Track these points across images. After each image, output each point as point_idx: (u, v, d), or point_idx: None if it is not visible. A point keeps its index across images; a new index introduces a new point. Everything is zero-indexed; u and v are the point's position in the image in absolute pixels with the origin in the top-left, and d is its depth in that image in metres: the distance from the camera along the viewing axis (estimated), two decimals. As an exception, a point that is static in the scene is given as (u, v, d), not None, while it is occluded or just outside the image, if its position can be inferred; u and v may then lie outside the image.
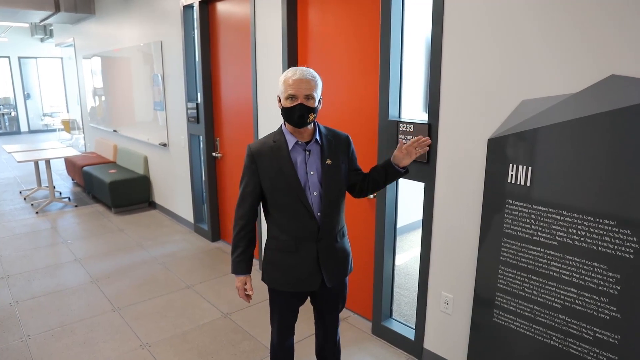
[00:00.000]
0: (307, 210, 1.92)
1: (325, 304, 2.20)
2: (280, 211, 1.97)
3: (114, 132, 6.96)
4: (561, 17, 1.88)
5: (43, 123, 14.03)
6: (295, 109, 1.84)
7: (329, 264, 2.01)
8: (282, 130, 1.96)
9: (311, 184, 1.93)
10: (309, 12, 3.25)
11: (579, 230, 1.95)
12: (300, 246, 1.97)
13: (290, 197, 1.92)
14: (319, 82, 1.90)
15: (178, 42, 4.71)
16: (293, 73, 1.85)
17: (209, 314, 3.37)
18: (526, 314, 2.19)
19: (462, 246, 2.43)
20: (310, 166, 1.94)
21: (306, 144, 1.94)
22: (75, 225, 5.47)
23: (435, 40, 2.33)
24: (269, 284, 2.09)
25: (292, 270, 2.00)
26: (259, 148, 1.95)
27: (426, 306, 2.69)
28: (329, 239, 2.00)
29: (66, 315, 3.35)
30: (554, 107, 1.94)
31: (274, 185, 1.93)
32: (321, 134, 1.98)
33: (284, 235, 1.98)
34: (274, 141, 1.95)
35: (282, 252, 2.00)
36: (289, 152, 1.92)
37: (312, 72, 1.88)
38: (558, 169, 1.97)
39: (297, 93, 1.83)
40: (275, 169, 1.91)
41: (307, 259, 1.98)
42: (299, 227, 1.95)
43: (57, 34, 9.27)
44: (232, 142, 4.39)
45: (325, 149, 1.96)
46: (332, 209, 1.98)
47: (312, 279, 2.01)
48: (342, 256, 2.07)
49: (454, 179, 2.41)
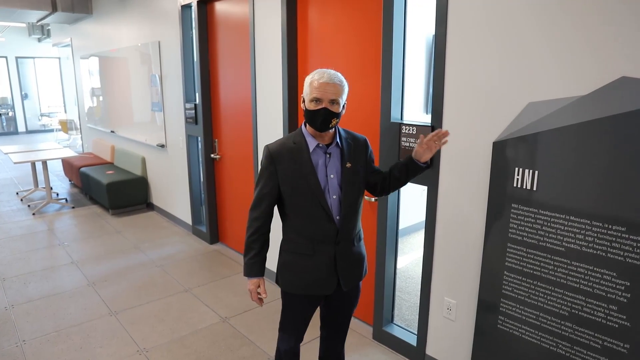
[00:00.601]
0: (326, 214, 1.89)
1: (339, 307, 2.15)
2: (299, 214, 1.93)
3: (112, 132, 6.90)
4: (569, 17, 1.84)
5: (40, 123, 13.95)
6: (319, 113, 1.80)
7: (346, 267, 1.98)
8: (303, 132, 1.92)
9: (331, 188, 1.90)
10: (309, 11, 3.20)
11: (587, 236, 1.90)
12: (318, 249, 1.93)
13: (310, 200, 1.88)
14: (346, 87, 1.86)
15: (176, 42, 4.66)
16: (320, 76, 1.80)
17: (207, 318, 3.32)
18: (532, 321, 2.14)
19: (466, 251, 2.38)
20: (331, 169, 1.91)
21: (327, 146, 1.91)
22: (72, 227, 5.41)
23: (439, 41, 2.28)
24: (283, 287, 2.05)
25: (308, 274, 1.96)
26: (278, 149, 1.91)
27: (429, 312, 2.64)
28: (347, 242, 1.97)
29: (62, 319, 3.29)
30: (562, 110, 1.89)
31: (293, 188, 1.90)
32: (341, 137, 1.95)
33: (301, 238, 1.94)
34: (294, 143, 1.90)
35: (298, 255, 1.96)
36: (310, 154, 1.88)
37: (339, 76, 1.83)
38: (565, 173, 1.92)
39: (322, 97, 1.79)
40: (296, 171, 1.88)
41: (324, 262, 1.94)
42: (317, 230, 1.92)
43: (54, 33, 9.20)
44: (231, 143, 4.34)
45: (345, 153, 1.93)
46: (351, 212, 1.95)
47: (328, 282, 1.97)
48: (358, 260, 2.04)
49: (457, 182, 2.36)
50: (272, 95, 3.54)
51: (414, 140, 2.47)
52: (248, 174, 4.10)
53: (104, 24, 6.52)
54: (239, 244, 4.50)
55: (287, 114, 3.39)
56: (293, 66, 3.34)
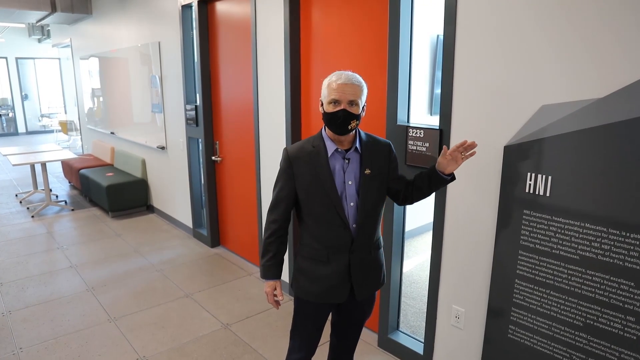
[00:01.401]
0: (342, 221, 1.83)
1: (351, 316, 2.09)
2: (314, 219, 1.88)
3: (112, 134, 6.83)
4: (586, 13, 1.76)
5: (41, 124, 13.89)
6: (337, 115, 1.74)
7: (360, 276, 1.92)
8: (322, 135, 1.87)
9: (348, 194, 1.84)
10: (312, 11, 3.13)
11: (603, 244, 1.82)
12: (332, 257, 1.88)
13: (326, 206, 1.83)
14: (365, 89, 1.79)
15: (176, 43, 4.59)
16: (338, 77, 1.75)
17: (208, 324, 3.25)
18: (544, 331, 2.07)
19: (475, 258, 2.31)
20: (349, 175, 1.84)
21: (346, 151, 1.84)
22: (71, 230, 5.35)
23: (448, 40, 2.20)
24: (297, 292, 2.00)
25: (321, 281, 1.91)
26: (296, 152, 1.86)
27: (436, 319, 2.57)
28: (363, 251, 1.90)
29: (60, 326, 3.22)
30: (578, 113, 1.82)
31: (309, 193, 1.84)
32: (362, 141, 1.88)
33: (316, 244, 1.89)
34: (313, 146, 1.85)
35: (313, 261, 1.91)
36: (328, 159, 1.82)
37: (358, 77, 1.78)
38: (581, 179, 1.85)
39: (341, 98, 1.73)
40: (313, 175, 1.82)
41: (338, 270, 1.88)
42: (332, 237, 1.86)
43: (54, 34, 9.14)
44: (232, 145, 4.27)
45: (364, 158, 1.86)
46: (368, 220, 1.88)
47: (341, 290, 1.91)
48: (374, 268, 1.97)
49: (467, 188, 2.28)
50: (274, 96, 3.47)
51: (421, 144, 2.40)
52: (250, 177, 4.03)
53: (104, 24, 6.45)
54: (240, 248, 4.43)
55: (290, 116, 3.32)
56: (296, 67, 3.27)
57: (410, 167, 2.50)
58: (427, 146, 2.37)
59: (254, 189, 3.97)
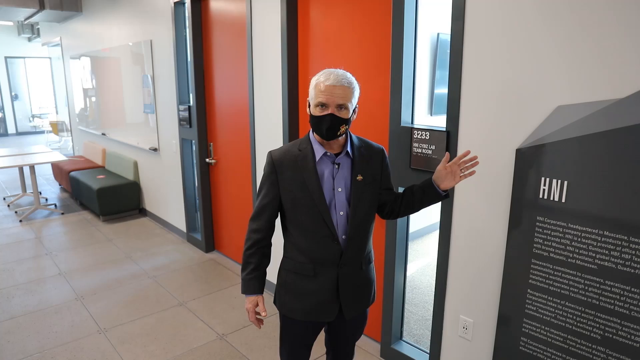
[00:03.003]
0: (330, 232, 1.69)
1: (342, 335, 1.96)
2: (299, 230, 1.73)
3: (103, 135, 6.67)
4: (604, 9, 1.65)
5: (31, 125, 13.65)
6: (324, 120, 1.60)
7: (349, 294, 1.78)
8: (310, 138, 1.72)
9: (338, 203, 1.69)
10: (311, 9, 3.00)
11: (623, 253, 1.72)
12: (319, 271, 1.73)
13: (313, 215, 1.68)
14: (356, 90, 1.65)
15: (169, 41, 4.45)
16: (326, 77, 1.60)
17: (202, 335, 3.12)
18: (558, 344, 1.96)
19: (484, 267, 2.19)
20: (339, 182, 1.70)
21: (336, 155, 1.70)
22: (61, 234, 5.19)
23: (456, 38, 2.08)
24: (281, 309, 1.86)
25: (307, 297, 1.77)
26: (281, 156, 1.71)
27: (442, 330, 2.45)
28: (353, 265, 1.76)
29: (47, 338, 3.07)
30: (596, 114, 1.71)
31: (294, 201, 1.70)
32: (353, 145, 1.74)
33: (302, 257, 1.74)
34: (299, 150, 1.71)
35: (298, 275, 1.77)
36: (315, 164, 1.68)
37: (348, 77, 1.63)
38: (599, 184, 1.74)
39: (328, 101, 1.59)
40: (298, 182, 1.68)
41: (326, 286, 1.74)
42: (319, 249, 1.72)
43: (43, 33, 8.95)
44: (227, 147, 4.14)
45: (357, 163, 1.71)
46: (359, 232, 1.74)
47: (329, 308, 1.78)
48: (365, 285, 1.83)
49: (476, 193, 2.16)
50: (271, 97, 3.34)
51: (427, 147, 2.28)
52: (245, 180, 3.90)
53: (94, 22, 6.28)
54: (236, 253, 4.29)
55: (287, 117, 3.19)
56: (293, 66, 3.14)
57: (414, 171, 2.38)
58: (433, 149, 2.25)
59: (249, 192, 3.84)
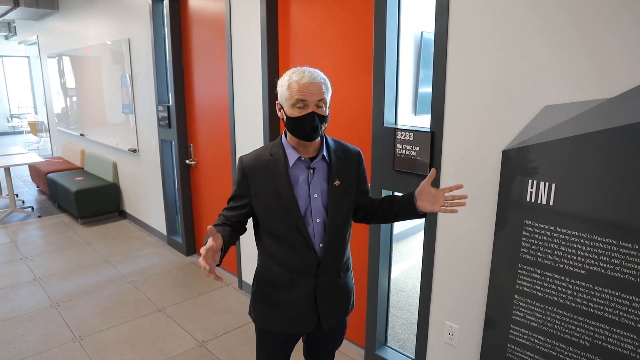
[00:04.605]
0: (305, 241, 1.60)
1: (320, 345, 1.89)
2: (274, 239, 1.64)
3: (81, 136, 6.50)
4: (593, 6, 1.59)
5: (10, 125, 13.34)
6: (306, 119, 1.50)
7: (328, 304, 1.70)
8: (282, 142, 1.63)
9: (314, 210, 1.61)
10: (291, 6, 2.91)
11: (613, 258, 1.66)
12: (296, 281, 1.65)
13: (286, 224, 1.59)
14: (330, 86, 1.57)
15: (147, 40, 4.32)
16: (300, 76, 1.50)
17: (182, 342, 3.01)
18: (546, 351, 1.90)
19: (470, 272, 2.13)
20: (314, 188, 1.61)
21: (311, 160, 1.61)
22: (37, 238, 5.02)
23: (439, 35, 2.01)
24: (256, 321, 1.78)
25: (284, 308, 1.68)
26: (252, 162, 1.63)
27: (427, 336, 2.39)
28: (331, 274, 1.68)
29: (18, 348, 2.94)
30: (584, 115, 1.65)
31: (267, 209, 1.61)
32: (329, 148, 1.65)
33: (277, 267, 1.66)
34: (271, 155, 1.62)
35: (274, 286, 1.68)
36: (288, 169, 1.59)
37: (321, 73, 1.55)
38: (587, 187, 1.68)
39: (308, 98, 1.49)
40: (270, 189, 1.59)
41: (303, 296, 1.66)
42: (294, 259, 1.63)
43: (20, 31, 8.72)
44: (208, 148, 4.03)
45: (333, 167, 1.63)
46: (337, 239, 1.66)
47: (307, 319, 1.70)
48: (344, 295, 1.76)
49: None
50: (251, 97, 3.24)
51: (411, 148, 2.21)
52: (226, 181, 3.80)
53: (71, 20, 6.11)
54: (217, 256, 4.18)
55: (268, 117, 3.10)
56: (274, 66, 3.04)
57: (398, 173, 2.31)
58: (417, 150, 2.18)
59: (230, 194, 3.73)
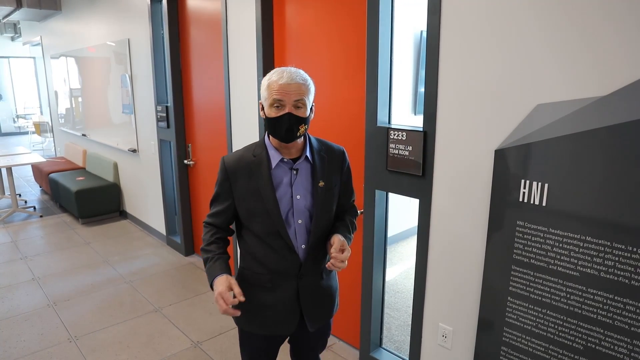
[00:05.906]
0: (286, 244, 1.58)
1: (304, 346, 1.87)
2: (255, 240, 1.63)
3: (83, 136, 6.52)
4: (587, 3, 1.56)
5: (16, 125, 13.43)
6: (282, 120, 1.48)
7: (312, 305, 1.68)
8: (265, 142, 1.61)
9: (296, 211, 1.59)
10: (286, 6, 2.89)
11: (606, 260, 1.63)
12: (278, 283, 1.63)
13: (267, 226, 1.58)
14: (312, 87, 1.55)
15: (146, 40, 4.32)
16: (279, 76, 1.49)
17: (177, 343, 3.00)
18: (540, 354, 1.87)
19: (463, 274, 2.10)
20: (297, 189, 1.59)
21: (293, 161, 1.59)
22: (38, 238, 5.04)
23: (432, 32, 1.99)
24: (238, 323, 1.75)
25: (266, 310, 1.66)
26: (234, 163, 1.60)
27: (421, 338, 2.36)
28: (313, 275, 1.67)
29: (14, 347, 2.94)
30: (578, 113, 1.62)
31: (249, 211, 1.60)
32: (312, 148, 1.63)
33: (259, 268, 1.64)
34: (254, 156, 1.60)
35: (255, 287, 1.66)
36: (271, 171, 1.57)
37: (302, 73, 1.53)
38: (581, 187, 1.65)
39: (284, 98, 1.47)
40: (252, 190, 1.57)
41: (285, 298, 1.64)
42: (276, 260, 1.61)
43: (24, 32, 8.77)
44: (206, 148, 4.02)
45: (317, 168, 1.61)
46: (320, 241, 1.64)
47: (288, 321, 1.68)
48: (327, 295, 1.74)
49: (454, 196, 2.07)
50: (247, 97, 3.23)
51: (404, 147, 2.18)
52: (224, 182, 3.78)
53: (73, 21, 6.13)
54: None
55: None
56: (269, 66, 3.03)
57: (391, 173, 2.28)
58: (410, 150, 2.16)
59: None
